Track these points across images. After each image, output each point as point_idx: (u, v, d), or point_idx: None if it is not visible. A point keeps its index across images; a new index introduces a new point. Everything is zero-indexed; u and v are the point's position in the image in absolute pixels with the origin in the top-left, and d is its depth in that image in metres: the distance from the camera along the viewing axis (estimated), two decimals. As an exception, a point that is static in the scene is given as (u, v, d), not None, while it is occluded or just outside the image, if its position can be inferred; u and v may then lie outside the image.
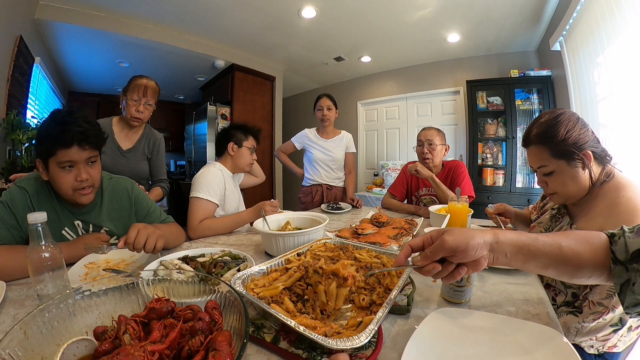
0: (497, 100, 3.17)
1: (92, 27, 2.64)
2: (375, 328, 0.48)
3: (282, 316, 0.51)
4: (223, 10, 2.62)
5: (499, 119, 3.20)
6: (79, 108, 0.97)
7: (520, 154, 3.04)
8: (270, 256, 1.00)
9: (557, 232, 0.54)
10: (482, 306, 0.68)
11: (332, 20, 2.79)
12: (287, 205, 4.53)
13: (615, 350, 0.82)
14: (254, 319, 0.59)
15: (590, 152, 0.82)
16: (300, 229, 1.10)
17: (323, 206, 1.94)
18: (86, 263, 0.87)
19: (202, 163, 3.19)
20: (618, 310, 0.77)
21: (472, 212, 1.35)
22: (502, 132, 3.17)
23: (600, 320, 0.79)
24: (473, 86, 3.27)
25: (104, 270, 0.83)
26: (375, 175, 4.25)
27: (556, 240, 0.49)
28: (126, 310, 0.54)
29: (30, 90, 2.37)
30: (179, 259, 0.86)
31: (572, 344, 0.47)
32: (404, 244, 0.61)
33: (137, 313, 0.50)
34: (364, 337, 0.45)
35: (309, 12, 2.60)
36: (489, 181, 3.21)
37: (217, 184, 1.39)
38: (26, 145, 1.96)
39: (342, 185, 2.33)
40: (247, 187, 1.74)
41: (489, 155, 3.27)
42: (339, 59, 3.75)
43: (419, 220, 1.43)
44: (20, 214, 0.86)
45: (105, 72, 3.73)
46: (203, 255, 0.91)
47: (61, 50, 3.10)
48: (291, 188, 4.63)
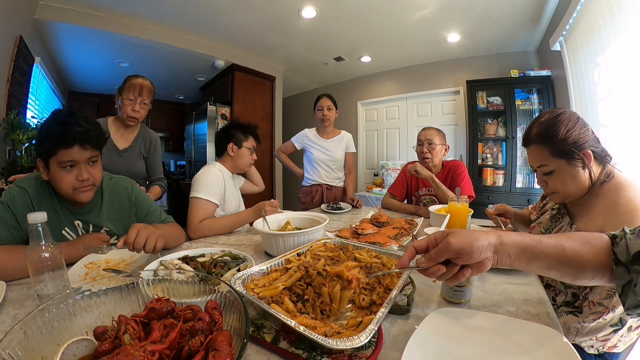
0: (497, 100, 3.17)
1: (92, 27, 2.64)
2: (375, 328, 0.48)
3: (282, 316, 0.51)
4: (223, 10, 2.62)
5: (499, 119, 3.20)
6: (80, 108, 0.97)
7: (520, 154, 3.03)
8: (270, 256, 1.00)
9: (560, 234, 0.53)
10: (482, 306, 0.68)
11: (332, 20, 2.79)
12: (287, 205, 4.53)
13: (615, 350, 0.82)
14: (254, 319, 0.59)
15: (591, 152, 0.82)
16: (300, 229, 1.10)
17: (323, 206, 1.94)
18: (86, 263, 0.87)
19: (202, 163, 3.20)
20: (618, 310, 0.77)
21: (472, 212, 1.35)
22: (502, 132, 3.17)
23: (600, 320, 0.79)
24: (473, 86, 3.27)
25: (104, 270, 0.83)
26: (375, 175, 4.25)
27: (559, 241, 0.49)
28: (126, 310, 0.54)
29: (30, 90, 2.37)
30: (179, 259, 0.86)
31: (572, 344, 0.47)
32: (407, 246, 0.60)
33: (137, 313, 0.50)
34: (364, 337, 0.45)
35: (309, 12, 2.60)
36: (489, 181, 3.21)
37: (217, 184, 1.39)
38: (26, 145, 1.96)
39: (342, 185, 2.32)
40: (245, 193, 1.74)
41: (489, 155, 3.27)
42: (339, 59, 3.75)
43: (419, 220, 1.43)
44: (20, 214, 0.86)
45: (105, 72, 3.72)
46: (203, 255, 0.91)
47: (61, 50, 3.10)
48: (291, 188, 4.63)
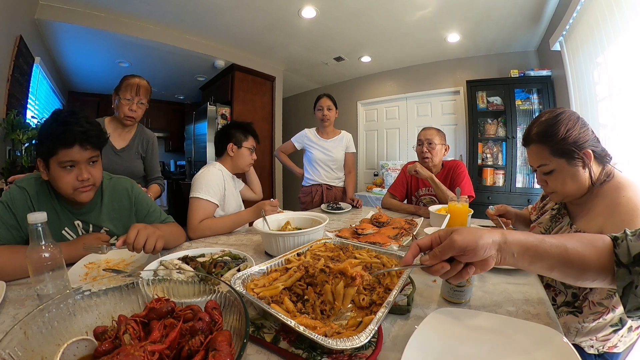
0: (497, 100, 3.17)
1: (92, 27, 2.64)
2: (375, 328, 0.48)
3: (282, 316, 0.51)
4: (223, 10, 2.62)
5: (499, 119, 3.20)
6: (80, 108, 0.97)
7: (520, 154, 3.03)
8: (270, 256, 1.00)
9: (562, 235, 0.53)
10: (482, 306, 0.68)
11: (332, 20, 2.78)
12: (287, 205, 4.53)
13: (615, 350, 0.82)
14: (254, 319, 0.59)
15: (591, 151, 0.82)
16: (300, 229, 1.10)
17: (323, 206, 1.94)
18: (86, 263, 0.87)
19: (202, 163, 3.20)
20: (618, 311, 0.77)
21: (472, 212, 1.35)
22: (502, 132, 3.17)
23: (601, 320, 0.79)
24: (473, 86, 3.27)
25: (104, 270, 0.83)
26: (375, 175, 4.25)
27: (562, 242, 0.49)
28: (126, 310, 0.54)
29: (30, 90, 2.37)
30: (179, 259, 0.86)
31: (572, 344, 0.47)
32: (410, 244, 0.60)
33: (137, 313, 0.50)
34: (364, 337, 0.45)
35: (309, 12, 2.60)
36: (489, 181, 3.21)
37: (216, 184, 1.39)
38: (26, 145, 1.96)
39: (342, 185, 2.32)
40: (243, 199, 1.72)
41: (489, 155, 3.27)
42: (339, 59, 3.75)
43: (419, 220, 1.43)
44: (20, 214, 0.86)
45: (105, 72, 3.72)
46: (203, 255, 0.91)
47: (61, 50, 3.10)
48: (291, 188, 4.63)
